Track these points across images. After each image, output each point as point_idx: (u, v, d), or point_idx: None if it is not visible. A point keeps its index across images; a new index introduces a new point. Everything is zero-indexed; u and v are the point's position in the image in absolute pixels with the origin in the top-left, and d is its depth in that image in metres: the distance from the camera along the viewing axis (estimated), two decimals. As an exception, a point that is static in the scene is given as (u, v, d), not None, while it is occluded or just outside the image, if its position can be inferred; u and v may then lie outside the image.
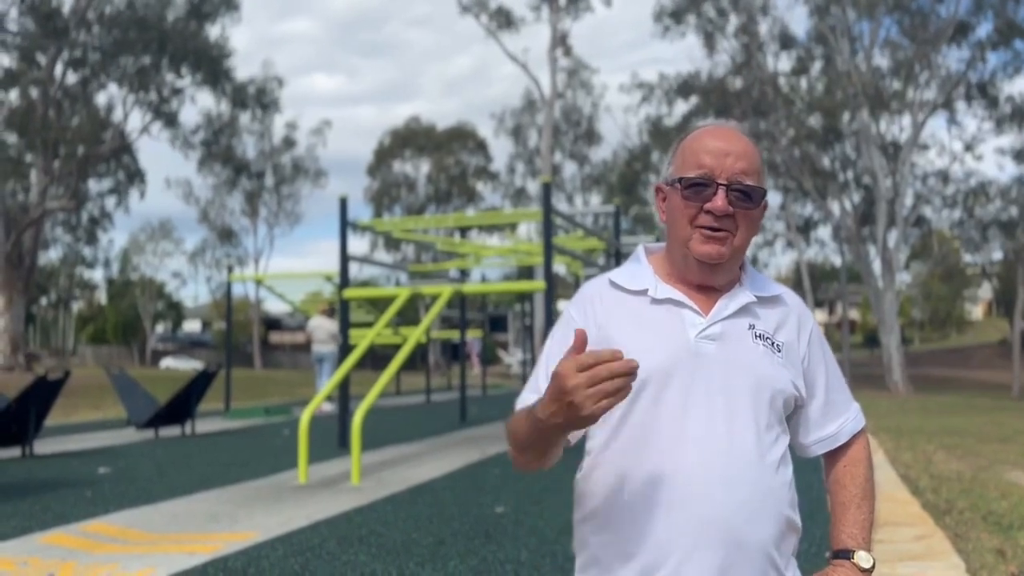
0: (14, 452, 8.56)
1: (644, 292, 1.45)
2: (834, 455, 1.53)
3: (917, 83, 28.19)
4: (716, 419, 1.36)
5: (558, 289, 10.19)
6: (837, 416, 1.52)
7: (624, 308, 1.44)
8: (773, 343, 1.43)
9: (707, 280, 1.44)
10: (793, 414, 1.49)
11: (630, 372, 1.14)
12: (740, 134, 1.44)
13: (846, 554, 1.44)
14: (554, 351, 1.46)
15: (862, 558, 1.42)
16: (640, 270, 1.49)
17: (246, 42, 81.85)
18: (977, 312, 71.28)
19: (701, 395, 1.37)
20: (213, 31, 31.96)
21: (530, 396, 1.43)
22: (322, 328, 14.11)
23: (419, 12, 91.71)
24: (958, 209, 32.07)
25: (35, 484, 6.76)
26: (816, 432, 1.51)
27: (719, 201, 1.38)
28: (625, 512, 1.37)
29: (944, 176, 30.99)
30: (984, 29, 28.54)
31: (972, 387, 30.18)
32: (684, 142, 1.47)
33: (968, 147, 29.96)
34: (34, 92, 28.37)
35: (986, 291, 66.10)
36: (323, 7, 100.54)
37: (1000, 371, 40.44)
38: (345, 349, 9.82)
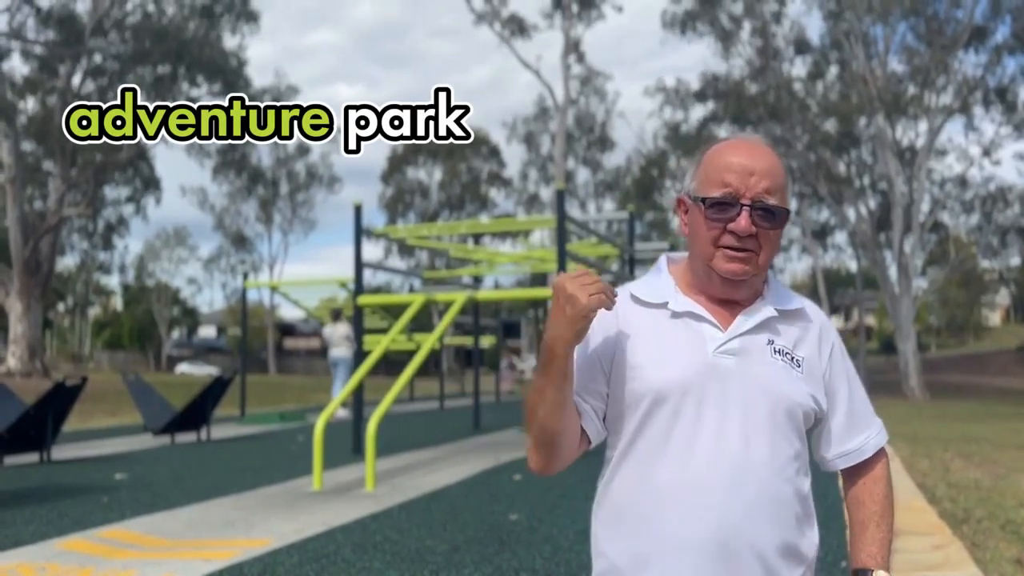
0: (32, 458, 8.62)
1: (664, 305, 1.45)
2: (854, 472, 1.53)
3: (934, 88, 28.00)
4: (731, 432, 1.37)
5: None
6: (861, 431, 1.51)
7: (643, 321, 1.44)
8: (792, 358, 1.43)
9: (730, 295, 1.44)
10: (814, 427, 1.49)
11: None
12: (765, 148, 1.43)
13: (864, 573, 1.44)
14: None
15: None
16: (660, 282, 1.49)
17: (271, 53, 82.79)
18: (995, 318, 70.66)
19: (718, 408, 1.38)
20: (231, 42, 32.21)
21: None
22: (335, 333, 14.28)
23: (442, 23, 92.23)
24: (976, 214, 31.83)
25: (53, 490, 6.81)
26: (838, 446, 1.51)
27: (743, 222, 1.37)
28: (639, 520, 1.39)
29: (962, 181, 30.74)
30: (1001, 33, 28.37)
31: (990, 394, 29.88)
32: (707, 156, 1.45)
33: (986, 152, 29.70)
34: (52, 100, 28.63)
35: (1004, 297, 65.60)
36: (347, 18, 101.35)
37: (1018, 377, 40.06)
38: (360, 355, 9.86)
